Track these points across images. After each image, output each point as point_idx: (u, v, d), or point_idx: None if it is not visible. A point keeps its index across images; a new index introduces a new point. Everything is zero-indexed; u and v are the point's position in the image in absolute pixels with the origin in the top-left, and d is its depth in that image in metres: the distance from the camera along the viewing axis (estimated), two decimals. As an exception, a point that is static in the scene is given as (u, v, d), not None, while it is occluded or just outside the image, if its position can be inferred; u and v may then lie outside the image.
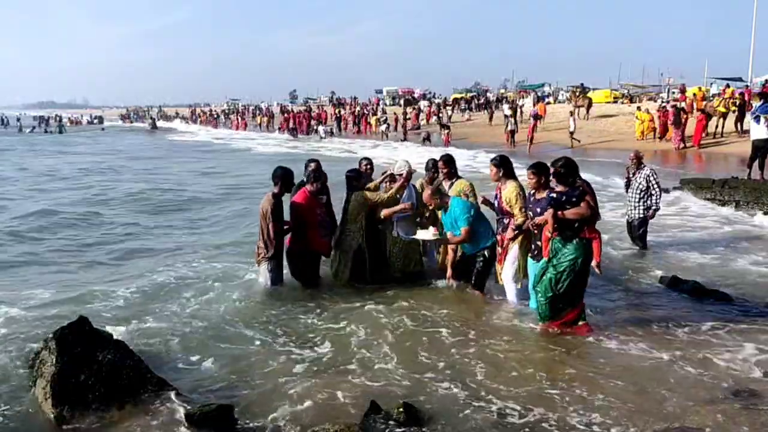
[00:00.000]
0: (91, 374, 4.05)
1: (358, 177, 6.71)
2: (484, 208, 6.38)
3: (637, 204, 8.20)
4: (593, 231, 5.14)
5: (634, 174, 8.33)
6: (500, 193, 6.04)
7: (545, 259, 5.27)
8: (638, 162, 8.34)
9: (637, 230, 8.25)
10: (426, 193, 6.19)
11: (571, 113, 28.49)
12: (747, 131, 21.55)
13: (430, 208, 6.43)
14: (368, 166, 7.15)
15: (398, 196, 6.57)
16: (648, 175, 8.13)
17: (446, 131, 30.63)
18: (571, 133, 25.52)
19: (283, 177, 6.29)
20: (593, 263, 5.14)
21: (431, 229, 6.25)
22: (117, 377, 4.12)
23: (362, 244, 6.56)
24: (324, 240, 6.63)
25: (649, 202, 8.14)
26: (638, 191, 8.18)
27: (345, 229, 6.60)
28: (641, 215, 8.18)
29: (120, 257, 8.54)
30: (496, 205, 6.13)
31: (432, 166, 7.21)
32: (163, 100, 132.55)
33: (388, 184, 6.69)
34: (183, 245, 9.06)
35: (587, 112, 32.37)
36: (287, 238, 6.56)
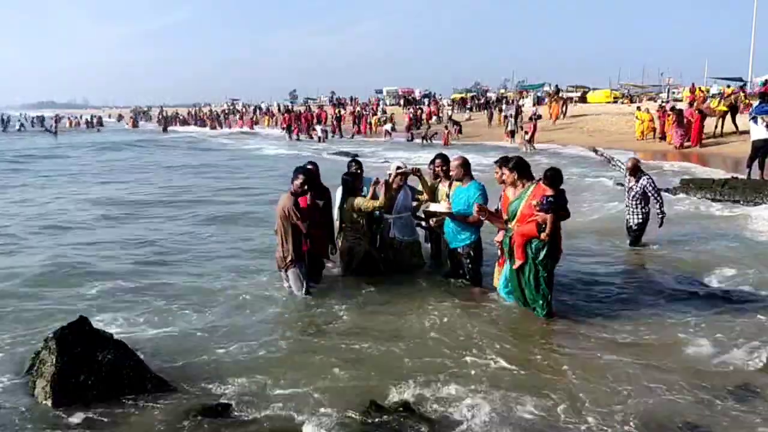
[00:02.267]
0: (91, 374, 4.06)
1: (354, 179, 6.66)
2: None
3: (635, 210, 8.20)
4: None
5: (630, 182, 8.26)
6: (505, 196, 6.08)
7: (520, 262, 5.44)
8: (634, 171, 8.23)
9: (634, 233, 8.26)
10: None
11: (531, 118, 28.48)
12: (745, 132, 21.68)
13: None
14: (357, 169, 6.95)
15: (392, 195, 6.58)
16: (645, 186, 8.06)
17: (447, 131, 30.63)
18: (530, 140, 25.60)
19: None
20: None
21: (444, 203, 6.31)
22: (117, 377, 4.12)
23: (369, 250, 6.63)
24: (325, 242, 6.63)
25: (647, 208, 8.11)
26: (636, 199, 8.15)
27: (347, 233, 6.60)
28: (640, 220, 8.19)
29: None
30: (499, 207, 6.14)
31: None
32: (163, 100, 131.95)
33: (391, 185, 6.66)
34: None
35: (563, 112, 34.05)
36: None
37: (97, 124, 59.81)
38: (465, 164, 6.25)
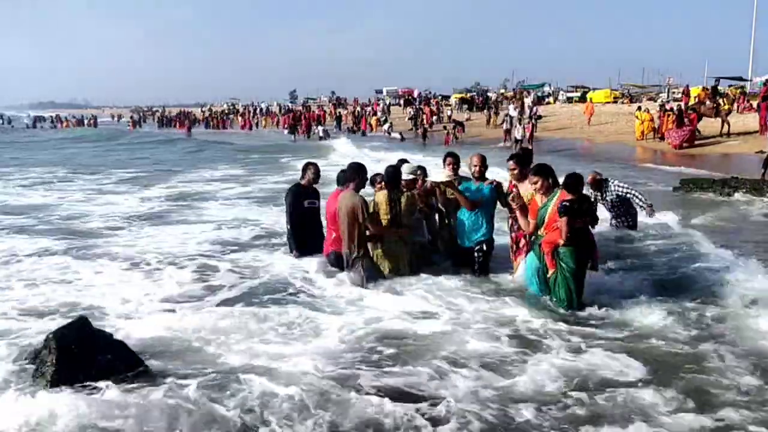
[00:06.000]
0: (91, 375, 4.06)
1: (397, 172, 6.42)
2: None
3: (622, 217, 8.08)
4: (591, 234, 5.59)
5: (600, 196, 8.08)
6: (517, 190, 6.21)
7: (552, 270, 5.50)
8: (598, 184, 8.07)
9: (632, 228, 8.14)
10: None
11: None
12: (744, 133, 21.73)
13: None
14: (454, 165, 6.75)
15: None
16: (617, 189, 7.97)
17: (447, 131, 30.69)
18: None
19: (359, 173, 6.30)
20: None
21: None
22: (117, 378, 4.11)
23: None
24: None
25: (632, 210, 8.03)
26: (616, 207, 8.04)
27: (394, 228, 6.30)
28: (630, 223, 8.09)
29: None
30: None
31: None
32: (164, 100, 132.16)
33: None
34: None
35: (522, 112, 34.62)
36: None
37: (79, 124, 59.00)
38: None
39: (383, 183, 6.47)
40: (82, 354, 4.12)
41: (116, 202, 13.10)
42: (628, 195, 8.01)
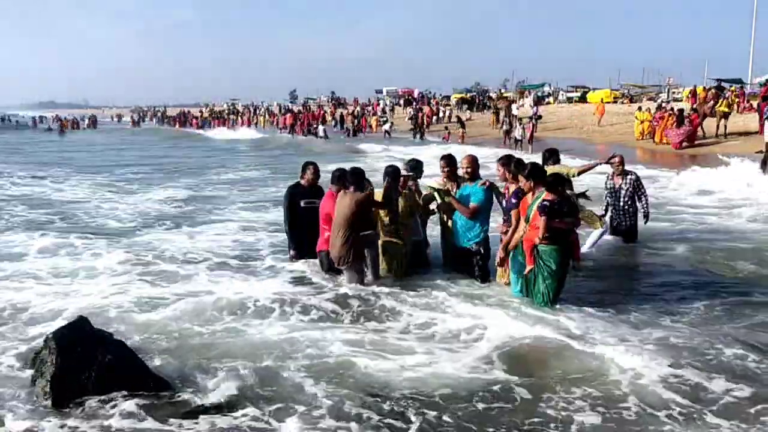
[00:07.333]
0: (91, 374, 4.07)
1: (398, 171, 6.46)
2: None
3: (629, 210, 8.02)
4: (574, 233, 5.69)
5: (618, 180, 8.08)
6: (508, 192, 6.23)
7: (530, 267, 5.55)
8: (622, 166, 8.10)
9: (630, 236, 8.10)
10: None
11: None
12: (746, 133, 21.71)
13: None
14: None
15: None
16: (634, 181, 7.96)
17: (447, 131, 30.70)
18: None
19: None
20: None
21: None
22: (117, 377, 4.13)
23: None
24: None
25: (638, 205, 7.99)
26: (626, 197, 7.98)
27: (392, 228, 6.41)
28: (631, 222, 8.06)
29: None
30: (504, 204, 6.32)
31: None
32: (164, 100, 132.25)
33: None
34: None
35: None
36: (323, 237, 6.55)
37: (75, 125, 57.99)
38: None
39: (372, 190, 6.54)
40: (83, 354, 4.13)
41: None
42: (640, 192, 7.92)
